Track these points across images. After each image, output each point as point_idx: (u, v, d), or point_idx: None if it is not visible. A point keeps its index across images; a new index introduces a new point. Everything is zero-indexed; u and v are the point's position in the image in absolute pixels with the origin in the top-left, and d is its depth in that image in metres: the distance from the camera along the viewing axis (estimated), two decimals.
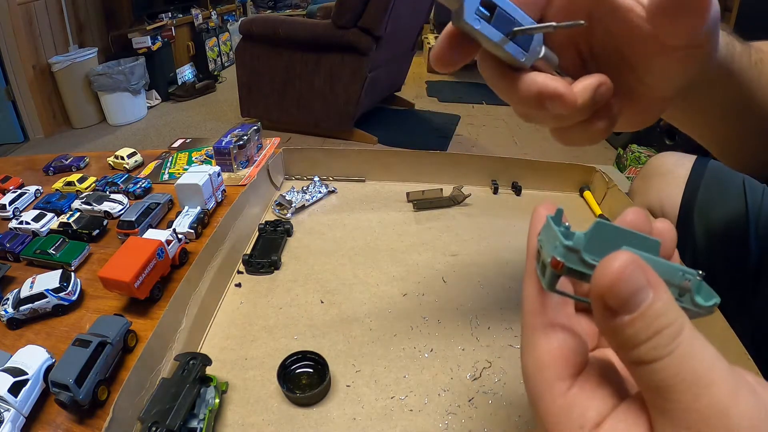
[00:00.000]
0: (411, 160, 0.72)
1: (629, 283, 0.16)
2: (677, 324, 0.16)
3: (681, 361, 0.16)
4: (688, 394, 0.16)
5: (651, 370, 0.16)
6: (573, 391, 0.19)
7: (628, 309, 0.17)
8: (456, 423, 0.37)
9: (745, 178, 0.61)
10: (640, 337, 0.16)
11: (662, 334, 0.16)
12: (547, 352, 0.20)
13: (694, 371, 0.16)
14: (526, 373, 0.21)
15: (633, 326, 0.17)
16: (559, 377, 0.19)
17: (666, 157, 0.74)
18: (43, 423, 0.40)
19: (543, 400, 0.19)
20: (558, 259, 0.19)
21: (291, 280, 0.54)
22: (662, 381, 0.16)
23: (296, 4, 4.92)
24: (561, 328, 0.21)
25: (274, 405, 0.39)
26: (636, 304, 0.16)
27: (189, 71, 3.73)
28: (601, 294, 0.17)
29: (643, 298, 0.17)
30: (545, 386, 0.19)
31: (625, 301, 0.17)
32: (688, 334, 0.16)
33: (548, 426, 0.19)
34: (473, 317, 0.48)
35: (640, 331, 0.16)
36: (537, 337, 0.21)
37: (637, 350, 0.17)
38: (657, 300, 0.17)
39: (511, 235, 0.61)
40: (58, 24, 2.85)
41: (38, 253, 0.59)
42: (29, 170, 0.87)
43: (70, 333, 0.49)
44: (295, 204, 0.66)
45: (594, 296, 0.17)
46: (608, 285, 0.17)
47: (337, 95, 2.44)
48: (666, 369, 0.16)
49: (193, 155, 0.88)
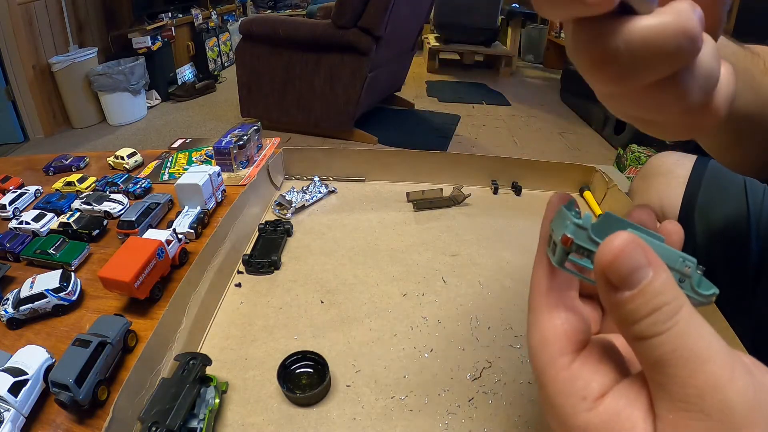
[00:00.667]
0: (411, 160, 0.72)
1: (629, 260, 0.17)
2: (676, 303, 0.17)
3: (679, 338, 0.17)
4: (685, 369, 0.16)
5: (650, 345, 0.17)
6: (575, 365, 0.20)
7: (629, 285, 0.17)
8: (456, 423, 0.37)
9: (746, 178, 0.61)
10: (639, 313, 0.17)
11: (661, 311, 0.17)
12: (550, 328, 0.21)
13: (692, 348, 0.17)
14: (531, 349, 0.22)
15: (633, 302, 0.17)
16: (562, 352, 0.20)
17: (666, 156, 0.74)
18: (43, 423, 0.40)
19: (546, 374, 0.20)
20: (568, 236, 0.20)
21: (291, 280, 0.54)
22: (661, 356, 0.17)
23: (296, 4, 4.92)
24: (564, 308, 0.22)
25: (274, 405, 0.39)
26: (636, 280, 0.17)
27: (189, 71, 3.73)
28: (603, 269, 0.18)
29: (642, 276, 0.17)
30: (548, 360, 0.21)
31: (625, 277, 0.17)
32: (687, 313, 0.17)
33: (552, 398, 0.20)
34: (473, 317, 0.48)
35: (640, 307, 0.17)
36: (542, 314, 0.22)
37: (637, 325, 0.17)
38: (656, 279, 0.17)
39: (511, 235, 0.61)
40: (58, 24, 2.85)
41: (38, 253, 0.59)
42: (29, 170, 0.87)
43: (70, 333, 0.49)
44: (295, 204, 0.66)
45: (597, 271, 0.18)
46: (610, 260, 0.18)
47: (337, 95, 2.44)
48: (664, 345, 0.17)
49: (193, 155, 0.88)
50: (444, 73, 3.92)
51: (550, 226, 0.22)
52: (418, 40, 2.95)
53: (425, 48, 4.01)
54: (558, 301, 0.22)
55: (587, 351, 0.21)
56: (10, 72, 2.62)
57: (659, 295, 0.17)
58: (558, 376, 0.20)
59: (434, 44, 3.87)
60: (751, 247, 0.56)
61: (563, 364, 0.20)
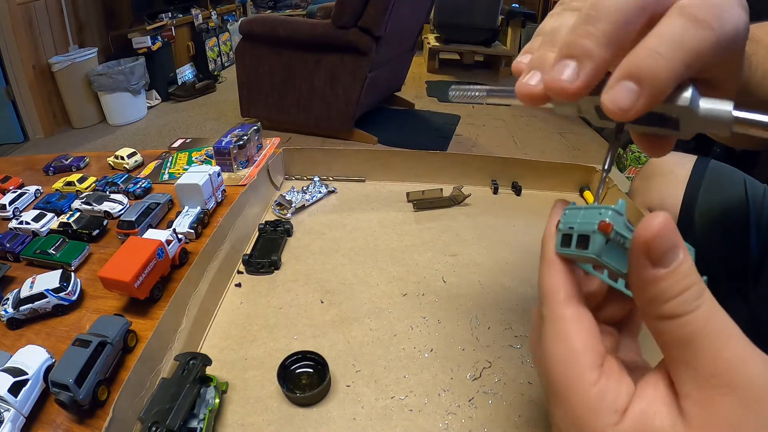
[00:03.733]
0: (411, 160, 0.72)
1: (668, 238, 0.18)
2: (700, 284, 0.19)
3: (707, 316, 0.18)
4: (715, 343, 0.17)
5: (679, 323, 0.18)
6: (603, 379, 0.20)
7: (664, 262, 0.18)
8: (456, 423, 0.37)
9: (746, 177, 0.61)
10: (672, 291, 0.18)
11: (691, 290, 0.18)
12: (579, 340, 0.21)
13: (717, 326, 0.18)
14: (554, 364, 0.21)
15: (667, 280, 0.18)
16: (592, 366, 0.20)
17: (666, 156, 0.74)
18: (43, 423, 0.40)
19: (574, 390, 0.20)
20: (608, 221, 0.20)
21: (291, 280, 0.54)
22: (690, 333, 0.18)
23: (296, 4, 4.92)
24: (588, 317, 0.22)
25: (274, 405, 0.39)
26: (670, 259, 0.18)
27: (189, 71, 3.73)
28: (645, 243, 0.19)
29: (675, 256, 0.19)
30: (577, 375, 0.20)
31: (662, 255, 0.18)
32: (709, 296, 0.18)
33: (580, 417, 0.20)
34: (473, 317, 0.48)
35: (672, 286, 0.18)
36: (566, 324, 0.21)
37: (669, 304, 0.18)
38: (686, 260, 0.19)
39: (511, 235, 0.61)
40: (58, 24, 2.84)
41: (38, 253, 0.59)
42: (29, 170, 0.87)
43: (70, 333, 0.49)
44: (295, 204, 0.66)
45: (637, 248, 0.19)
46: (652, 235, 0.18)
47: (337, 95, 2.44)
48: (693, 322, 0.18)
49: (193, 155, 0.88)
50: (444, 73, 3.92)
51: (562, 226, 0.22)
52: (418, 40, 2.95)
53: (425, 48, 4.01)
54: (581, 311, 0.22)
55: (608, 363, 0.21)
56: (10, 72, 2.62)
57: (688, 276, 0.18)
58: (589, 393, 0.20)
59: (434, 44, 3.87)
60: (751, 247, 0.56)
61: (593, 380, 0.20)
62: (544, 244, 0.24)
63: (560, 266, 0.22)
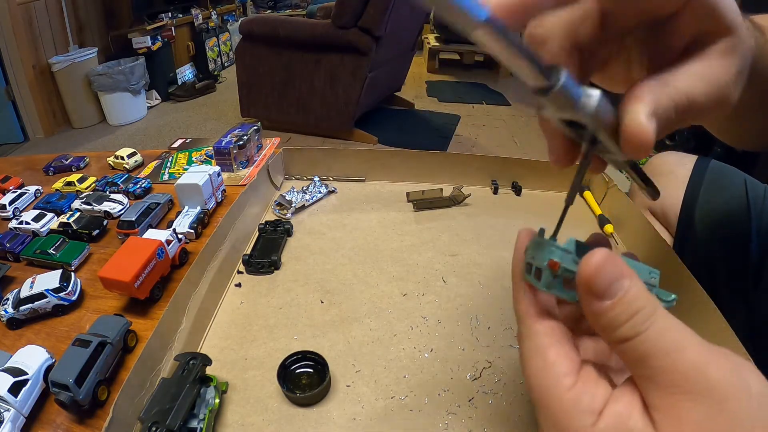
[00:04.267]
0: (411, 160, 0.72)
1: (608, 273, 0.20)
2: (651, 305, 0.20)
3: (658, 333, 0.19)
4: (667, 358, 0.19)
5: (633, 344, 0.19)
6: (579, 384, 0.21)
7: (609, 295, 0.20)
8: (456, 423, 0.37)
9: (747, 177, 0.61)
10: (621, 318, 0.20)
11: (640, 313, 0.19)
12: (552, 352, 0.22)
13: (670, 339, 0.19)
14: (531, 376, 0.23)
15: (614, 309, 0.20)
16: (566, 373, 0.22)
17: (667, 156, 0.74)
18: (43, 423, 0.40)
19: (551, 396, 0.21)
20: (555, 260, 0.22)
21: (291, 280, 0.54)
22: (644, 351, 0.19)
23: (296, 4, 4.92)
24: (560, 331, 0.23)
25: (274, 405, 0.39)
26: (614, 291, 0.20)
27: (189, 71, 3.73)
28: (586, 282, 0.20)
29: (620, 286, 0.20)
30: (553, 382, 0.22)
31: (605, 289, 0.20)
32: (662, 313, 0.20)
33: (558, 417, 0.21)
34: (473, 317, 0.48)
35: (621, 314, 0.20)
36: (539, 339, 0.23)
37: (620, 330, 0.20)
38: (632, 287, 0.20)
39: (511, 235, 0.60)
40: (58, 24, 2.85)
41: (38, 253, 0.59)
42: (29, 170, 0.87)
43: (70, 333, 0.49)
44: (295, 204, 0.66)
45: (581, 285, 0.21)
46: (591, 274, 0.20)
47: (337, 95, 2.44)
48: (646, 341, 0.19)
49: (193, 155, 0.88)
50: (444, 73, 3.92)
51: (527, 256, 0.24)
52: (418, 40, 2.95)
53: (425, 48, 4.00)
54: (552, 325, 0.23)
55: (585, 369, 0.22)
56: (10, 72, 2.62)
57: (636, 300, 0.20)
58: (564, 397, 0.21)
59: (434, 44, 3.87)
60: (751, 247, 0.56)
61: (568, 385, 0.21)
62: (513, 270, 0.26)
63: (526, 288, 0.24)
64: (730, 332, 0.38)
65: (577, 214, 0.65)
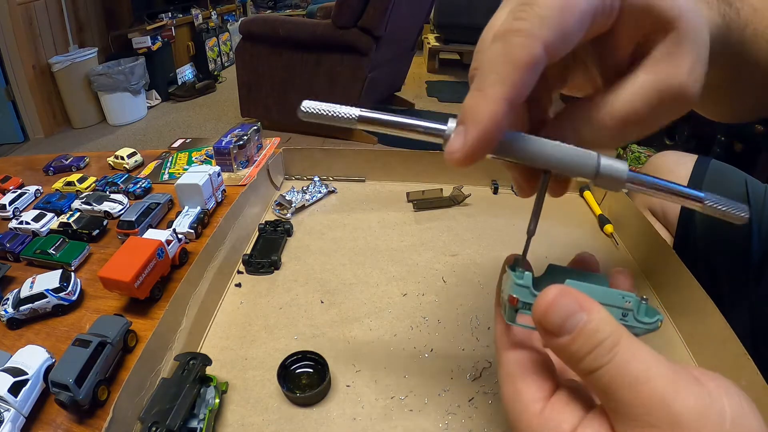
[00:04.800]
0: (411, 160, 0.72)
1: (561, 310, 0.20)
2: (614, 336, 0.19)
3: (620, 366, 0.19)
4: (630, 391, 0.18)
5: (596, 377, 0.19)
6: (546, 410, 0.21)
7: (566, 331, 0.20)
8: (456, 423, 0.37)
9: (747, 177, 0.61)
10: (582, 352, 0.19)
11: (602, 345, 0.19)
12: (520, 382, 0.23)
13: (632, 372, 0.18)
14: (505, 402, 0.23)
15: (574, 344, 0.20)
16: (534, 399, 0.22)
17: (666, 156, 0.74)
18: (43, 423, 0.40)
19: (522, 422, 0.22)
20: (513, 296, 0.23)
21: (291, 280, 0.54)
22: (607, 384, 0.19)
23: (296, 4, 4.92)
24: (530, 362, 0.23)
25: (274, 405, 0.39)
26: (572, 326, 0.20)
27: (189, 71, 3.73)
28: (539, 321, 0.20)
29: (577, 320, 0.20)
30: (522, 409, 0.22)
31: (560, 325, 0.20)
32: (626, 344, 0.19)
33: None
34: (473, 317, 0.48)
35: (581, 347, 0.19)
36: (510, 368, 0.24)
37: (582, 363, 0.20)
38: (591, 320, 0.20)
39: (511, 235, 0.61)
40: (58, 24, 2.85)
41: (38, 253, 0.59)
42: (29, 170, 0.87)
43: (70, 333, 0.49)
44: (295, 204, 0.66)
45: (535, 323, 0.21)
46: (543, 313, 0.20)
47: (337, 95, 2.44)
48: (607, 374, 0.19)
49: (193, 155, 0.88)
50: (444, 73, 3.92)
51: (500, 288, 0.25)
52: (418, 40, 2.95)
53: (425, 48, 4.00)
54: (522, 355, 0.24)
55: (556, 395, 0.22)
56: (10, 72, 2.62)
57: (596, 333, 0.19)
58: (532, 422, 0.21)
59: (434, 44, 3.87)
60: (752, 247, 0.56)
61: (536, 411, 0.22)
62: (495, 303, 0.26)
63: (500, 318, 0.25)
64: (730, 332, 0.38)
65: (577, 214, 0.65)
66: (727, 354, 0.38)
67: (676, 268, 0.47)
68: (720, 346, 0.39)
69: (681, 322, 0.45)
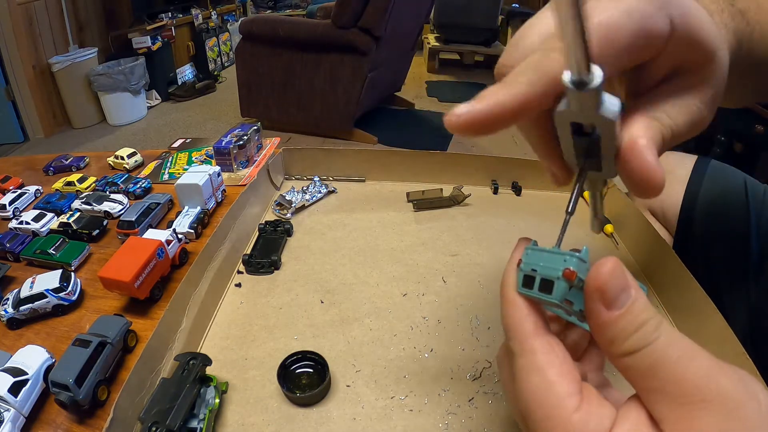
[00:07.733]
0: (411, 160, 0.72)
1: (618, 282, 0.19)
2: (657, 317, 0.19)
3: (667, 343, 0.19)
4: (679, 365, 0.18)
5: (642, 355, 0.19)
6: (584, 405, 0.20)
7: (618, 305, 0.19)
8: (456, 423, 0.37)
9: (747, 177, 0.61)
10: (629, 329, 0.19)
11: (648, 324, 0.19)
12: (553, 369, 0.21)
13: (680, 349, 0.18)
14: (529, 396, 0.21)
15: (623, 319, 0.19)
16: (570, 393, 0.20)
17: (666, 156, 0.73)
18: (43, 423, 0.40)
19: (555, 419, 0.20)
20: (572, 269, 0.21)
21: (291, 280, 0.54)
22: (654, 362, 0.19)
23: (296, 4, 4.92)
24: (559, 346, 0.22)
25: (274, 405, 0.39)
26: (623, 300, 0.19)
27: (189, 71, 3.73)
28: (598, 289, 0.20)
29: (628, 296, 0.19)
30: (556, 403, 0.20)
31: (615, 297, 0.19)
32: (667, 325, 0.19)
33: None
34: (473, 317, 0.48)
35: (629, 324, 0.19)
36: (538, 356, 0.21)
37: (628, 341, 0.19)
38: (638, 298, 0.20)
39: (511, 235, 0.61)
40: (58, 24, 2.84)
41: (38, 253, 0.59)
42: (29, 170, 0.87)
43: (70, 333, 0.49)
44: (295, 204, 0.66)
45: (591, 294, 0.20)
46: (603, 282, 0.19)
47: (337, 95, 2.44)
48: (655, 351, 0.19)
49: (193, 155, 0.88)
50: (444, 73, 3.92)
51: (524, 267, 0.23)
52: (418, 40, 2.95)
53: (425, 48, 4.00)
54: (551, 340, 0.22)
55: (586, 389, 0.21)
56: (10, 72, 2.62)
57: (643, 311, 0.19)
58: (571, 420, 0.19)
59: (434, 44, 3.87)
60: (751, 247, 0.56)
61: (573, 406, 0.20)
62: (504, 283, 0.24)
63: (522, 302, 0.23)
64: (729, 332, 0.38)
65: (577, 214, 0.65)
66: (727, 354, 0.38)
67: (676, 268, 0.47)
68: (720, 346, 0.39)
69: (681, 322, 0.45)
